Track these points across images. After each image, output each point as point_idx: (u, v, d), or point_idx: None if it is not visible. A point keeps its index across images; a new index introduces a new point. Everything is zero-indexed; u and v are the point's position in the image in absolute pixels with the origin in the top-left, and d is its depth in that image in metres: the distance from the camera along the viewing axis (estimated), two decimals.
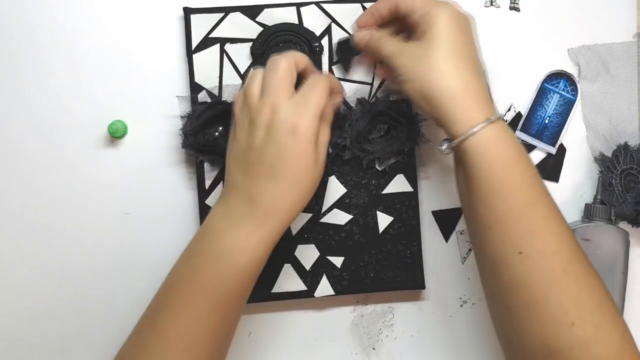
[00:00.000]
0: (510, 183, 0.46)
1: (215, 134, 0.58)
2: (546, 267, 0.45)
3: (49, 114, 0.59)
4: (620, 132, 0.61)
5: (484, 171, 0.46)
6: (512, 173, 0.46)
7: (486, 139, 0.46)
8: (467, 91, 0.47)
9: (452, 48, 0.48)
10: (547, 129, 0.61)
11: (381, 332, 0.62)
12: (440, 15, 0.49)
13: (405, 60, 0.50)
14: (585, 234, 0.58)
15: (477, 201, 0.48)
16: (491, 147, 0.46)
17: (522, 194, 0.46)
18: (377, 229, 0.59)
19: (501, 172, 0.46)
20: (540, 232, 0.46)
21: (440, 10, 0.49)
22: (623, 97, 0.61)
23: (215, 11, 0.58)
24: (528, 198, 0.46)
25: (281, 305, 0.61)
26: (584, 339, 0.44)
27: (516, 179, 0.46)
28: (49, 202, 0.60)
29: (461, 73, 0.48)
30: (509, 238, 0.46)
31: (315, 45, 0.58)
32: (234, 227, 0.48)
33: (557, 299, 0.44)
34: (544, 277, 0.45)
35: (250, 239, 0.48)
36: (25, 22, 0.59)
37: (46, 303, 0.60)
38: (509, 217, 0.46)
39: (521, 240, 0.45)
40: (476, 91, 0.48)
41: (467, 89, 0.47)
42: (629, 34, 0.62)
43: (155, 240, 0.60)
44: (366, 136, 0.58)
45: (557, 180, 0.62)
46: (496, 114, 0.47)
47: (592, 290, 0.45)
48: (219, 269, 0.48)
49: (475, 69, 0.49)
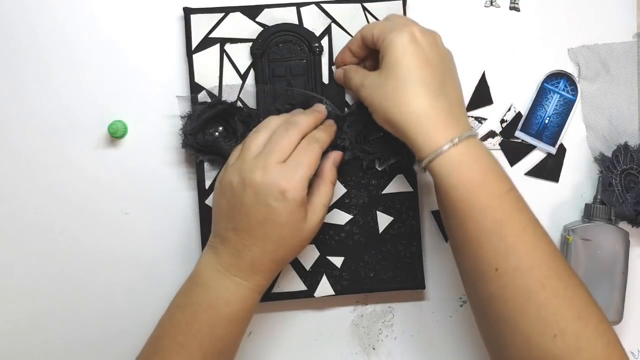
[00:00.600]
0: (477, 204, 0.46)
1: (215, 134, 0.58)
2: (523, 282, 0.45)
3: (49, 114, 0.59)
4: (620, 132, 0.61)
5: (451, 193, 0.47)
6: (478, 194, 0.46)
7: (451, 162, 0.46)
8: (427, 116, 0.47)
9: (409, 74, 0.48)
10: (547, 129, 0.61)
11: (381, 332, 0.62)
12: (394, 42, 0.49)
13: (368, 90, 0.51)
14: (585, 234, 0.58)
15: (448, 221, 0.49)
16: (456, 170, 0.46)
17: (491, 214, 0.46)
18: (377, 229, 0.59)
19: (467, 194, 0.46)
20: (513, 248, 0.46)
21: (395, 36, 0.49)
22: (623, 97, 0.61)
23: (215, 11, 0.58)
24: (497, 217, 0.46)
25: (281, 305, 0.61)
26: (567, 349, 0.44)
27: (482, 200, 0.46)
28: (49, 202, 0.60)
29: (420, 98, 0.48)
30: (483, 256, 0.46)
31: (315, 46, 0.58)
32: (224, 277, 0.49)
33: (537, 312, 0.45)
34: (522, 292, 0.45)
35: (240, 289, 0.49)
36: (26, 22, 0.59)
37: (46, 303, 0.60)
38: (480, 236, 0.46)
39: (496, 258, 0.46)
40: (438, 114, 0.48)
41: (427, 114, 0.47)
42: (629, 34, 0.62)
43: (155, 240, 0.60)
44: (366, 137, 0.58)
45: (557, 180, 0.62)
46: (462, 134, 0.47)
47: (572, 301, 0.45)
48: (212, 317, 0.49)
49: (438, 90, 0.48)
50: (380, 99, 0.49)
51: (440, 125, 0.47)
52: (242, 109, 0.58)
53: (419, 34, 0.49)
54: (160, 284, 0.60)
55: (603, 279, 0.58)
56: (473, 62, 0.61)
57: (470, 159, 0.47)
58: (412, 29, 0.49)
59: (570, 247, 0.58)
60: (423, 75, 0.48)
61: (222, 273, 0.49)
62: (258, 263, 0.49)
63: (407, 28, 0.49)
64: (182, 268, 0.59)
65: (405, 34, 0.49)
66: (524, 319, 0.45)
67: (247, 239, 0.49)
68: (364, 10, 0.59)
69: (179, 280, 0.59)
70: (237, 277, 0.49)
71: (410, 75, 0.48)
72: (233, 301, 0.49)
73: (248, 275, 0.49)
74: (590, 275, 0.58)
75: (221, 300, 0.49)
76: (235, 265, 0.49)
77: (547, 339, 0.44)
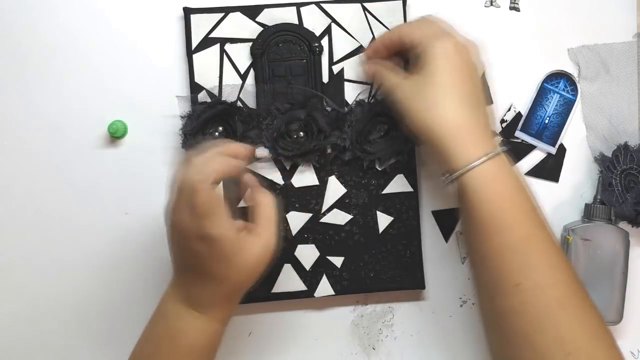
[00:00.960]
0: (506, 219, 0.46)
1: (215, 134, 0.58)
2: (542, 299, 0.45)
3: (50, 114, 0.59)
4: (620, 132, 0.61)
5: (480, 207, 0.47)
6: (507, 209, 0.47)
7: (483, 176, 0.47)
8: (464, 127, 0.48)
9: (450, 84, 0.48)
10: (547, 129, 0.61)
11: (381, 332, 0.62)
12: (439, 50, 0.49)
13: (404, 94, 0.50)
14: (585, 234, 0.58)
15: (473, 235, 0.49)
16: (488, 184, 0.47)
17: (518, 230, 0.46)
18: (377, 229, 0.59)
19: (496, 209, 0.47)
20: (537, 265, 0.46)
21: (439, 44, 0.49)
22: (623, 97, 0.61)
23: (215, 11, 0.58)
24: (524, 233, 0.46)
25: (281, 305, 0.61)
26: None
27: (511, 215, 0.47)
28: (49, 202, 0.60)
29: (459, 109, 0.48)
30: (505, 271, 0.46)
31: (315, 46, 0.58)
32: (183, 310, 0.48)
33: (553, 330, 0.45)
34: (540, 309, 0.45)
35: (197, 321, 0.48)
36: (26, 22, 0.59)
37: (46, 303, 0.60)
38: (505, 251, 0.46)
39: (518, 274, 0.46)
40: (474, 127, 0.48)
41: (464, 125, 0.48)
42: (629, 34, 0.62)
43: (155, 240, 0.60)
44: (366, 137, 0.58)
45: (557, 180, 0.62)
46: (495, 150, 0.47)
47: (587, 322, 0.46)
48: (172, 348, 0.48)
49: (475, 103, 0.49)
50: (416, 105, 0.49)
51: (476, 138, 0.47)
52: (242, 109, 0.58)
53: (463, 46, 0.49)
54: (160, 284, 0.60)
55: (603, 279, 0.58)
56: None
57: (502, 174, 0.47)
58: (455, 38, 0.49)
59: (570, 247, 0.58)
60: (463, 87, 0.48)
61: (181, 306, 0.48)
62: (209, 299, 0.48)
63: (451, 39, 0.49)
64: None
65: (450, 43, 0.49)
66: (539, 336, 0.45)
67: (191, 277, 0.48)
68: (364, 10, 0.59)
69: None
70: (193, 309, 0.48)
71: (450, 86, 0.48)
72: (192, 332, 0.48)
73: (204, 309, 0.48)
74: (590, 275, 0.58)
75: (181, 332, 0.48)
76: (189, 298, 0.48)
77: (559, 358, 0.44)
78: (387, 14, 0.59)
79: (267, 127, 0.57)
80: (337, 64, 0.59)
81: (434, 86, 0.48)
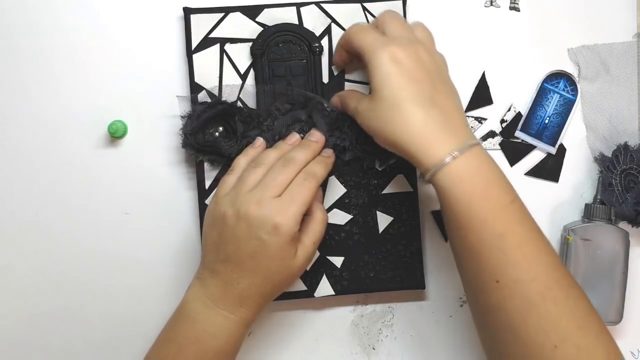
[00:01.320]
0: (477, 216, 0.46)
1: (215, 134, 0.58)
2: (523, 294, 0.45)
3: (49, 114, 0.59)
4: (620, 132, 0.61)
5: (452, 205, 0.47)
6: (478, 206, 0.46)
7: (452, 174, 0.46)
8: (422, 131, 0.47)
9: (396, 95, 0.48)
10: (547, 129, 0.61)
11: (381, 332, 0.62)
12: (376, 66, 0.48)
13: (363, 116, 0.51)
14: (585, 234, 0.58)
15: (451, 232, 0.49)
16: (458, 182, 0.46)
17: (491, 227, 0.46)
18: (377, 229, 0.59)
19: (468, 207, 0.46)
20: (514, 261, 0.46)
21: (375, 58, 0.49)
22: (623, 97, 0.61)
23: (215, 11, 0.58)
24: (497, 230, 0.46)
25: (281, 305, 0.61)
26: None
27: (484, 212, 0.46)
28: (49, 202, 0.60)
29: (412, 115, 0.47)
30: (484, 267, 0.46)
31: (315, 46, 0.58)
32: (211, 311, 0.49)
33: (537, 323, 0.45)
34: (522, 303, 0.45)
35: (226, 322, 0.49)
36: (26, 22, 0.59)
37: (46, 303, 0.60)
38: (481, 249, 0.46)
39: (496, 270, 0.46)
40: (433, 127, 0.47)
41: (422, 129, 0.47)
42: (629, 34, 0.62)
43: (155, 240, 0.60)
44: (366, 137, 0.58)
45: (557, 180, 0.62)
46: (463, 145, 0.47)
47: (573, 312, 0.46)
48: (198, 351, 0.48)
49: (429, 103, 0.48)
50: (375, 123, 0.50)
51: (438, 138, 0.47)
52: (242, 109, 0.58)
53: (400, 52, 0.48)
54: (160, 284, 0.60)
55: (603, 279, 0.58)
56: (473, 62, 0.61)
57: (472, 171, 0.47)
58: (391, 47, 0.49)
59: (570, 247, 0.58)
60: (411, 92, 0.48)
61: (209, 306, 0.49)
62: (245, 296, 0.49)
63: (386, 48, 0.49)
64: (182, 268, 0.60)
65: (385, 55, 0.48)
66: (524, 330, 0.45)
67: (236, 271, 0.49)
68: (364, 10, 0.59)
69: (179, 280, 0.59)
70: (225, 310, 0.49)
71: (397, 97, 0.48)
72: (220, 335, 0.49)
73: (235, 309, 0.49)
74: (590, 275, 0.58)
75: (207, 334, 0.48)
76: (223, 298, 0.49)
77: (547, 350, 0.44)
78: None
79: (267, 129, 0.57)
80: (334, 65, 0.59)
81: (384, 101, 0.48)
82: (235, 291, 0.49)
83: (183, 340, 0.49)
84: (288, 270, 0.50)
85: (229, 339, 0.49)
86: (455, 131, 0.48)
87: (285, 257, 0.49)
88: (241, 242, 0.48)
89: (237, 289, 0.49)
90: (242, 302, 0.49)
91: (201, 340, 0.48)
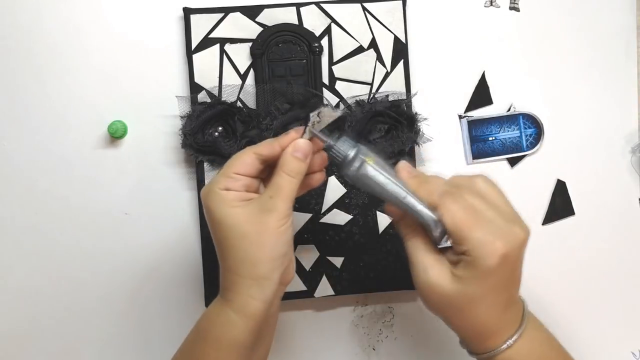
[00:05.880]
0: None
1: (215, 134, 0.58)
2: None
3: (49, 115, 0.60)
4: None
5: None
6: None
7: (514, 355, 0.46)
8: (489, 329, 0.46)
9: (490, 293, 0.45)
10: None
11: (381, 333, 0.62)
12: (489, 258, 0.43)
13: (439, 275, 0.48)
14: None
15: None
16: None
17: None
18: (377, 229, 0.59)
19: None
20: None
21: (490, 249, 0.43)
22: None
23: (215, 11, 0.58)
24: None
25: (281, 305, 0.61)
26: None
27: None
28: (49, 203, 0.60)
29: (490, 316, 0.46)
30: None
31: (315, 46, 0.58)
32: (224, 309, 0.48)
33: None
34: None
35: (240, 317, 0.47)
36: (26, 22, 0.59)
37: (46, 303, 0.60)
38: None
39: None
40: (499, 326, 0.46)
41: (490, 327, 0.46)
42: (629, 34, 0.62)
43: (155, 240, 0.60)
44: (366, 137, 0.58)
45: None
46: (518, 330, 0.46)
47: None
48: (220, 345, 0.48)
49: (511, 302, 0.46)
50: (451, 294, 0.46)
51: (499, 332, 0.46)
52: (242, 109, 0.58)
53: (514, 253, 0.44)
54: (160, 284, 0.60)
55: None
56: (473, 62, 0.61)
57: (524, 356, 0.46)
58: (505, 247, 0.43)
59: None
60: (507, 292, 0.46)
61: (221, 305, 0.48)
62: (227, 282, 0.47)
63: (501, 240, 0.43)
64: (182, 268, 0.60)
65: (499, 251, 0.43)
66: None
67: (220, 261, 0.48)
68: (364, 10, 0.59)
69: (179, 280, 0.59)
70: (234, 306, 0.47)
71: (489, 296, 0.45)
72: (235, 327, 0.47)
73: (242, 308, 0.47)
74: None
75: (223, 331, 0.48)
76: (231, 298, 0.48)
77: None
78: (386, 14, 0.59)
79: (267, 128, 0.57)
80: (337, 64, 0.59)
81: (474, 290, 0.45)
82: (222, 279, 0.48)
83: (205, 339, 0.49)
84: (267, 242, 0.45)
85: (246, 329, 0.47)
86: (513, 319, 0.47)
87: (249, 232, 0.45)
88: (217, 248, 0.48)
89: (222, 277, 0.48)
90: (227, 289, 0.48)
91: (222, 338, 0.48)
